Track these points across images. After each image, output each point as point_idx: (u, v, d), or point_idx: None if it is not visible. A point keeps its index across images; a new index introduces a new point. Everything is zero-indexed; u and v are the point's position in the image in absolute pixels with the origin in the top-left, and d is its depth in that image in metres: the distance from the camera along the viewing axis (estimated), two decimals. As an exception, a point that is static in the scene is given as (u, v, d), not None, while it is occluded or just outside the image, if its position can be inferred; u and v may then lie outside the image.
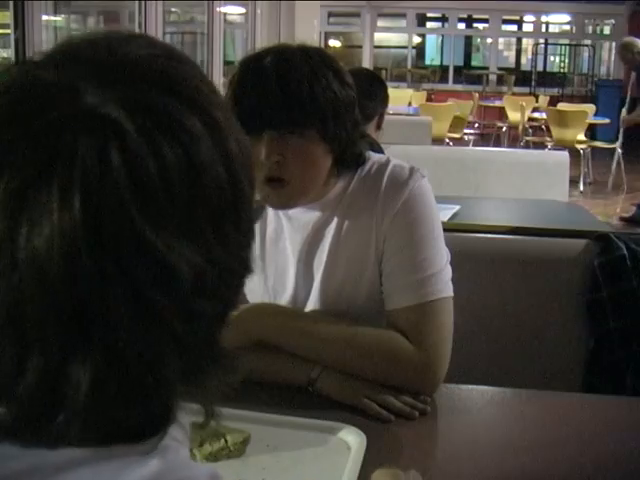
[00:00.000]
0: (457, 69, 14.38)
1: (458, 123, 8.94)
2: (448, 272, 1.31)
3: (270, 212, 1.37)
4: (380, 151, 2.33)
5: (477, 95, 11.33)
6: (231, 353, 0.56)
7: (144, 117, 0.48)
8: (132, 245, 0.46)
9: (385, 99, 2.75)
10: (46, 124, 0.47)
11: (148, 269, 0.47)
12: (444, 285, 1.29)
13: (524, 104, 9.56)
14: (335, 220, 1.34)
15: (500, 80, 13.84)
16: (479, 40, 15.35)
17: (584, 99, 12.50)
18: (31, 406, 0.48)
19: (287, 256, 1.36)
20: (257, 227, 1.38)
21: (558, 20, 14.42)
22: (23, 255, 0.45)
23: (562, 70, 14.08)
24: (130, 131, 0.47)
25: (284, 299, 1.36)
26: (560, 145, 7.95)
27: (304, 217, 1.34)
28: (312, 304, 1.35)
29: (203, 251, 0.50)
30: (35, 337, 0.46)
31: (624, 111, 7.27)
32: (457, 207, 3.06)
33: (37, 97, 0.49)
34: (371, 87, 2.65)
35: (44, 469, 0.49)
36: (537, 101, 10.98)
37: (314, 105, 1.20)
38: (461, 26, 14.86)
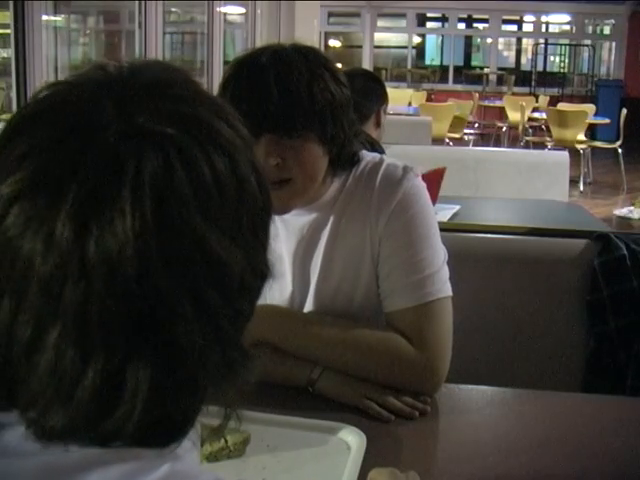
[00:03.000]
0: (457, 69, 14.38)
1: (458, 123, 8.94)
2: (446, 271, 1.31)
3: None
4: (381, 151, 2.32)
5: (477, 95, 11.33)
6: (250, 353, 0.58)
7: (193, 131, 0.52)
8: (194, 244, 0.50)
9: (382, 96, 2.70)
10: (111, 135, 0.50)
11: (207, 268, 0.50)
12: (442, 285, 1.29)
13: (524, 104, 9.56)
14: (330, 222, 1.33)
15: (500, 80, 13.84)
16: (479, 40, 15.35)
17: (584, 99, 12.50)
18: (89, 408, 0.49)
19: (283, 259, 1.35)
20: None
21: (558, 20, 14.42)
22: (93, 257, 0.47)
23: (562, 70, 14.08)
24: (185, 143, 0.51)
25: (281, 302, 1.36)
26: (560, 145, 7.96)
27: (299, 220, 1.33)
28: (309, 306, 1.35)
29: (245, 253, 0.53)
30: (99, 338, 0.48)
31: None
32: (457, 207, 3.07)
33: (91, 111, 0.52)
34: (366, 85, 2.62)
35: (58, 469, 0.51)
36: (537, 101, 10.98)
37: (313, 107, 1.19)
38: (461, 26, 14.86)
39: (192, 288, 0.50)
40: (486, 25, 14.50)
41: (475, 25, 15.13)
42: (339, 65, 1.39)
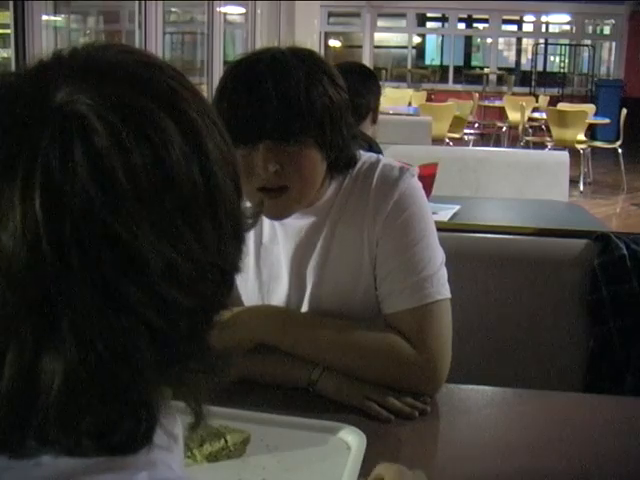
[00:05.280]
0: (457, 69, 14.38)
1: (458, 123, 8.94)
2: (444, 273, 1.31)
3: (264, 218, 1.35)
4: (378, 150, 2.31)
5: (477, 95, 11.33)
6: (219, 353, 0.56)
7: (112, 113, 0.49)
8: (95, 235, 0.47)
9: (377, 91, 2.68)
10: (12, 123, 0.48)
11: (113, 257, 0.48)
12: (441, 287, 1.29)
13: (524, 104, 9.56)
14: (327, 224, 1.33)
15: (500, 80, 13.84)
16: (479, 40, 15.35)
17: (584, 99, 12.50)
18: (10, 404, 0.48)
19: (280, 261, 1.35)
20: (252, 234, 1.37)
21: (558, 20, 14.42)
22: None
23: (562, 70, 14.07)
24: (96, 126, 0.48)
25: (278, 304, 1.36)
26: (560, 145, 7.96)
27: (297, 223, 1.33)
28: (306, 308, 1.35)
29: (175, 243, 0.50)
30: (8, 333, 0.47)
31: None
32: (457, 207, 3.07)
33: (7, 99, 0.50)
34: (363, 84, 2.60)
35: None
36: (537, 101, 10.97)
37: (311, 113, 1.18)
38: (461, 26, 14.85)
39: (100, 282, 0.48)
40: (486, 25, 14.49)
41: (475, 25, 15.12)
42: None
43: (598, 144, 8.97)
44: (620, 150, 8.44)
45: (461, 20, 14.68)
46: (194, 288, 0.52)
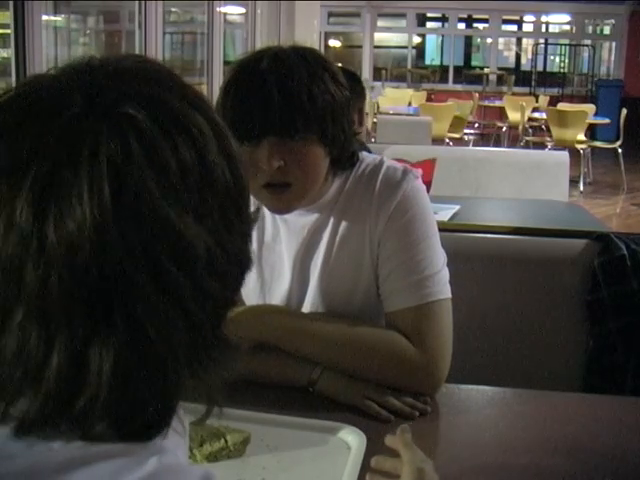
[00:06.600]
0: (457, 69, 14.38)
1: (458, 123, 8.94)
2: (446, 273, 1.31)
3: (267, 216, 1.36)
4: (369, 152, 2.31)
5: (477, 95, 11.33)
6: (232, 341, 0.59)
7: (157, 113, 0.53)
8: (154, 223, 0.50)
9: (362, 93, 2.68)
10: (70, 117, 0.51)
11: (168, 245, 0.51)
12: (443, 286, 1.29)
13: (524, 104, 9.56)
14: (330, 223, 1.33)
15: (500, 80, 13.84)
16: (479, 40, 15.35)
17: (584, 99, 12.51)
18: (58, 389, 0.49)
19: (283, 260, 1.36)
20: (254, 232, 1.37)
21: (558, 20, 14.42)
22: (53, 237, 0.48)
23: (562, 70, 14.07)
24: (146, 124, 0.51)
25: (279, 302, 1.36)
26: (560, 145, 7.96)
27: (300, 221, 1.34)
28: (307, 306, 1.35)
29: (213, 234, 0.54)
30: (61, 318, 0.49)
31: None
32: (457, 207, 3.07)
33: (57, 96, 0.53)
34: (350, 88, 2.59)
35: (44, 469, 0.50)
36: (537, 101, 10.98)
37: (314, 109, 1.20)
38: (461, 26, 14.85)
39: (153, 266, 0.50)
40: (486, 25, 14.49)
41: (475, 25, 15.12)
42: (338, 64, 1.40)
43: (598, 144, 8.98)
44: (620, 150, 8.45)
45: (461, 20, 14.67)
46: (225, 280, 0.55)
